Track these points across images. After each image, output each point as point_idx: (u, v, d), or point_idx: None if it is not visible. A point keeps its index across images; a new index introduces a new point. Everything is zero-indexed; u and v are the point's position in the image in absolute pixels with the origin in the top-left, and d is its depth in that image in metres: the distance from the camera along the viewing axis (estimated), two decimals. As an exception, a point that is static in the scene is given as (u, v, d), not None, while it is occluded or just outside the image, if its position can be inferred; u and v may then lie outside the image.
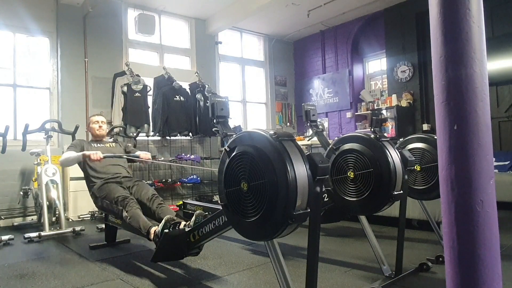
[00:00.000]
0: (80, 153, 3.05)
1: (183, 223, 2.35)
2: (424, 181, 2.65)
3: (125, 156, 3.29)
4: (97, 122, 3.44)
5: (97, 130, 3.42)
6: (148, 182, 5.15)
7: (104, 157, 3.03)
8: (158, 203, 2.88)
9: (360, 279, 2.27)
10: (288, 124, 8.00)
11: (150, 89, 5.66)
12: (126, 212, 2.71)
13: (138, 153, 3.36)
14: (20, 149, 3.99)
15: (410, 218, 3.39)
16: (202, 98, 5.97)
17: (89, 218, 4.72)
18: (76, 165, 4.76)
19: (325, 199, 2.50)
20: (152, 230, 2.44)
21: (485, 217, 0.85)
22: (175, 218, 2.42)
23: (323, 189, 2.29)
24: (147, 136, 5.56)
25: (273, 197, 1.49)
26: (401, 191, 2.16)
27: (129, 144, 3.71)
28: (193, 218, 2.27)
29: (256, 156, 1.56)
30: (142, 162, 3.40)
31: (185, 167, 5.88)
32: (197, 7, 6.28)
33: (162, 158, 5.73)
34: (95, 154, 2.96)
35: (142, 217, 2.66)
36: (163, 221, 2.35)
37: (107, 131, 3.58)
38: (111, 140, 3.68)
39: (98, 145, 3.38)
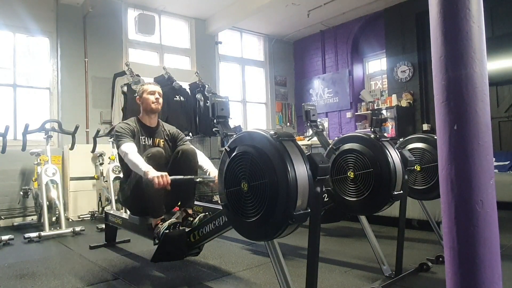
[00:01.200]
0: (145, 170, 2.23)
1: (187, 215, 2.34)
2: (424, 181, 2.65)
3: (198, 180, 2.36)
4: (154, 93, 2.70)
5: (153, 103, 2.68)
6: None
7: (172, 182, 2.22)
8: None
9: (360, 279, 2.27)
10: (288, 124, 8.00)
11: (150, 89, 5.65)
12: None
13: (213, 174, 2.48)
14: (20, 149, 3.98)
15: (410, 218, 3.39)
16: (202, 98, 5.97)
17: (89, 218, 4.71)
18: (76, 164, 4.82)
19: (325, 199, 2.50)
20: (159, 224, 2.39)
21: (485, 217, 0.85)
22: (175, 219, 2.42)
23: (323, 189, 2.29)
24: (147, 136, 5.54)
25: (273, 197, 1.49)
26: (401, 191, 2.15)
27: (179, 133, 2.92)
28: (197, 220, 2.27)
29: (256, 156, 1.56)
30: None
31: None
32: (197, 7, 6.28)
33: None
34: (161, 178, 2.16)
35: (159, 199, 2.41)
36: (165, 225, 2.35)
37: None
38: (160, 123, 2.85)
39: (146, 141, 2.67)
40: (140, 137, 2.66)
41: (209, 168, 2.60)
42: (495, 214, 0.87)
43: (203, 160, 2.67)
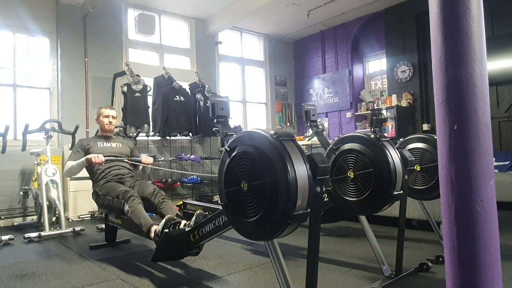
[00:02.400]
0: (83, 159, 2.97)
1: (183, 222, 2.35)
2: (424, 181, 2.65)
3: (126, 160, 3.19)
4: (108, 116, 3.30)
5: (107, 125, 3.29)
6: (148, 182, 5.14)
7: (106, 161, 3.00)
8: (161, 198, 2.85)
9: (360, 279, 2.27)
10: (288, 124, 8.00)
11: (150, 89, 5.66)
12: (128, 206, 2.66)
13: (140, 157, 3.27)
14: (20, 149, 3.99)
15: (410, 218, 3.39)
16: (202, 98, 5.97)
17: (89, 218, 4.71)
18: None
19: (325, 199, 2.50)
20: (153, 228, 2.43)
21: (485, 217, 0.85)
22: (175, 217, 2.41)
23: (323, 189, 2.29)
24: (147, 136, 5.56)
25: (273, 197, 1.49)
26: (401, 191, 2.15)
27: (135, 147, 3.59)
28: (193, 218, 2.27)
29: (256, 156, 1.56)
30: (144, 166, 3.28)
31: (184, 169, 5.88)
32: (197, 7, 6.28)
33: (163, 158, 5.73)
34: (97, 157, 2.91)
35: (144, 214, 2.63)
36: (163, 221, 2.34)
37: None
38: (118, 136, 3.52)
39: (105, 144, 3.26)
40: (98, 142, 3.24)
41: (142, 156, 3.32)
42: (495, 214, 0.87)
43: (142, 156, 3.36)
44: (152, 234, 2.42)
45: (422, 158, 2.65)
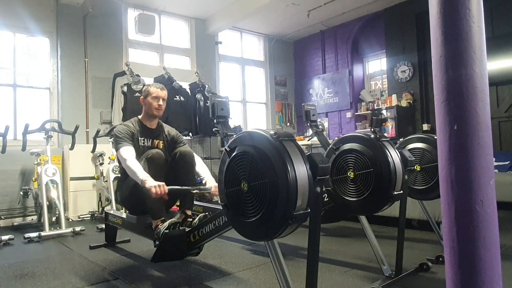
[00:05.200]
0: (141, 178, 2.28)
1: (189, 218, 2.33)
2: (424, 181, 2.65)
3: (194, 191, 2.45)
4: (158, 97, 2.69)
5: (156, 109, 2.68)
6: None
7: (169, 191, 2.27)
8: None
9: (360, 279, 2.27)
10: (288, 124, 8.00)
11: (150, 89, 5.65)
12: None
13: (209, 184, 2.54)
14: (20, 149, 3.98)
15: (410, 218, 3.38)
16: (202, 98, 5.98)
17: (89, 218, 4.71)
18: (76, 164, 4.82)
19: (325, 199, 2.50)
20: (159, 225, 2.38)
21: (485, 217, 0.85)
22: (176, 219, 2.41)
23: (323, 189, 2.29)
24: (147, 136, 5.55)
25: (273, 197, 1.49)
26: (401, 191, 2.15)
27: (179, 135, 2.89)
28: (196, 220, 2.27)
29: (256, 156, 1.56)
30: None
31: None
32: (197, 7, 6.28)
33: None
34: (158, 188, 2.21)
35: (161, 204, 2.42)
36: (166, 224, 2.35)
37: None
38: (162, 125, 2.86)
39: (146, 141, 2.69)
40: (139, 138, 2.68)
41: (206, 176, 2.64)
42: (495, 214, 0.87)
43: (200, 166, 2.72)
44: (154, 226, 2.41)
45: (422, 158, 2.65)
